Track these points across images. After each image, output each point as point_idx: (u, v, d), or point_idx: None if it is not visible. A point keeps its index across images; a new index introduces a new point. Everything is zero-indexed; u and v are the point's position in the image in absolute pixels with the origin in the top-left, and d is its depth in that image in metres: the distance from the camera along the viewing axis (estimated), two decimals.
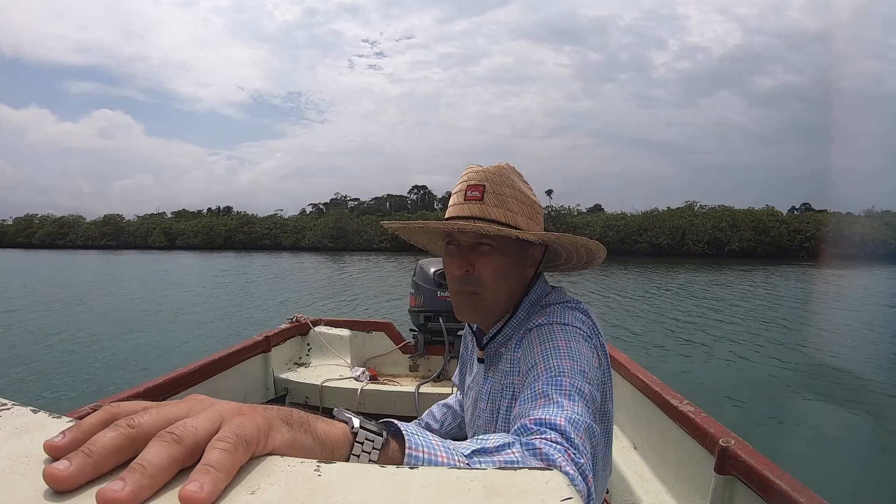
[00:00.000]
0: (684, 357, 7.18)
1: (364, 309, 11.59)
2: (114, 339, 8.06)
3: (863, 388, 5.83)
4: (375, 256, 39.32)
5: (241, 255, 43.54)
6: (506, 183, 0.84)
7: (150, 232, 65.00)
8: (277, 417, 0.35)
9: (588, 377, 0.70)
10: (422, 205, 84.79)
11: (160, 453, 0.28)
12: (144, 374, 5.47)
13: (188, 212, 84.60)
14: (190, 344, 7.71)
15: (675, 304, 12.88)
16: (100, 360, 6.76)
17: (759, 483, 0.99)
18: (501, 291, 0.85)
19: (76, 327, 9.07)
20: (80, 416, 0.33)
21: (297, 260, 35.11)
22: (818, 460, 3.80)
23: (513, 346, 0.86)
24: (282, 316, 2.90)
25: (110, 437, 0.29)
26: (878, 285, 19.04)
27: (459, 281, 0.84)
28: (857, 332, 9.23)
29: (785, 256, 42.09)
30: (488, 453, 0.49)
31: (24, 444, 0.31)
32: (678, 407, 1.37)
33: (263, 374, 2.20)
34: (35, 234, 69.14)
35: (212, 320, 9.95)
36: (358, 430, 0.41)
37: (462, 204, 0.84)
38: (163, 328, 9.19)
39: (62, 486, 0.27)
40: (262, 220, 64.17)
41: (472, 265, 0.83)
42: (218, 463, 0.29)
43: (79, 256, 42.59)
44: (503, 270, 0.84)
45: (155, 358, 6.74)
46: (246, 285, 17.62)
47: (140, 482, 0.27)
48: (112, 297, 13.74)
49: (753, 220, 45.47)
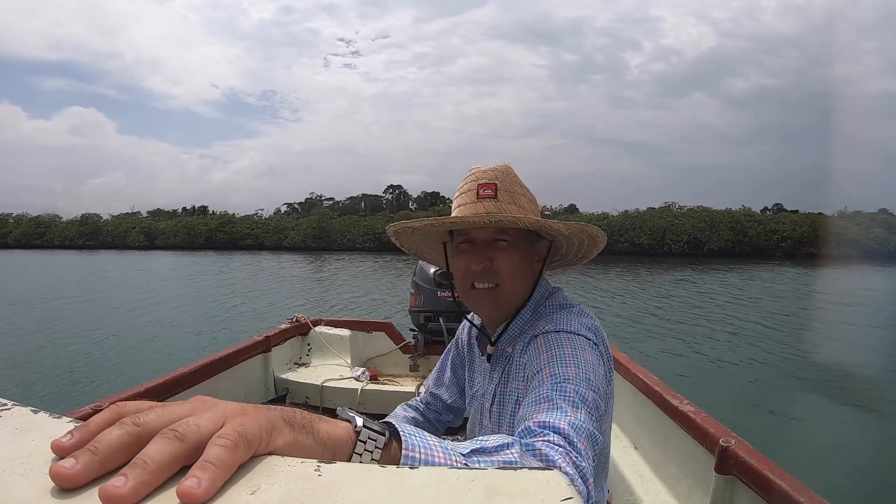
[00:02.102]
0: (681, 356, 7.18)
1: (354, 307, 11.61)
2: (123, 336, 8.08)
3: (863, 388, 5.84)
4: (362, 256, 39.34)
5: (222, 254, 42.82)
6: (515, 181, 0.87)
7: (128, 232, 63.89)
8: (280, 418, 0.35)
9: (593, 385, 0.71)
10: (397, 205, 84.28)
11: (162, 450, 0.29)
12: (142, 376, 5.47)
13: (164, 211, 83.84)
14: (193, 343, 7.73)
15: (672, 303, 12.90)
16: (106, 359, 6.78)
17: (760, 483, 0.99)
18: (518, 286, 0.87)
19: (76, 326, 9.09)
20: (80, 416, 0.33)
21: (284, 260, 34.69)
22: (818, 460, 3.80)
23: (519, 349, 0.87)
24: (281, 316, 2.90)
25: (116, 434, 0.29)
26: (866, 283, 19.23)
27: (477, 276, 0.86)
28: (852, 332, 9.24)
29: (762, 256, 43.15)
30: (487, 453, 0.49)
31: (24, 444, 0.31)
32: (678, 407, 1.37)
33: (264, 374, 2.20)
34: (10, 233, 67.37)
35: (212, 321, 9.96)
36: (361, 428, 0.41)
37: (475, 203, 0.86)
38: (166, 329, 9.20)
39: (69, 484, 0.27)
40: (242, 220, 63.61)
41: (491, 259, 0.85)
42: (217, 459, 0.29)
43: (58, 256, 41.69)
44: (519, 265, 0.86)
45: (165, 357, 6.76)
46: (244, 285, 17.63)
47: (141, 478, 0.27)
48: (120, 299, 13.74)
49: (731, 220, 46.63)
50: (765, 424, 4.53)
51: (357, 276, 20.87)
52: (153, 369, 5.41)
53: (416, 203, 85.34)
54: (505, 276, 0.85)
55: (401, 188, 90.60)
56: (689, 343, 8.06)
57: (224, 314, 10.75)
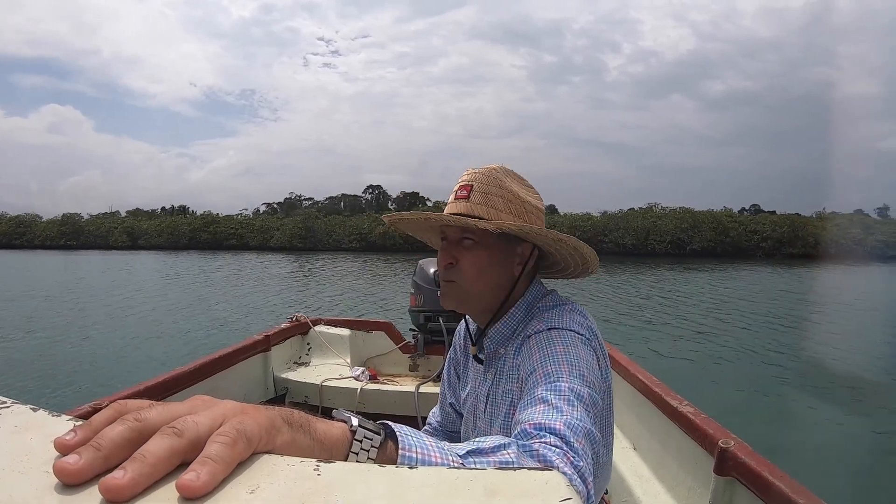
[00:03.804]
0: (668, 357, 7.18)
1: (355, 306, 11.60)
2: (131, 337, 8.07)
3: (862, 389, 5.84)
4: (353, 256, 39.44)
5: (206, 255, 42.38)
6: (494, 183, 0.88)
7: (111, 231, 63.49)
8: (279, 417, 0.35)
9: (588, 381, 0.71)
10: (376, 204, 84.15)
11: (161, 445, 0.29)
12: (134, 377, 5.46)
13: (143, 211, 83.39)
14: (193, 341, 7.72)
15: (675, 303, 12.90)
16: (101, 358, 6.77)
17: (759, 484, 0.99)
18: (480, 283, 0.88)
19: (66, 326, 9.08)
20: (80, 414, 0.34)
21: (270, 259, 34.67)
22: (818, 461, 3.80)
23: (513, 351, 0.86)
24: (281, 316, 2.90)
25: (118, 431, 0.30)
26: (851, 283, 19.35)
27: (444, 273, 0.90)
28: (850, 331, 9.24)
29: (743, 256, 44.90)
30: (484, 454, 0.49)
31: (23, 442, 0.31)
32: (678, 408, 1.37)
33: (263, 374, 2.20)
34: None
35: (213, 322, 9.96)
36: (357, 428, 0.41)
37: (452, 203, 0.89)
38: (167, 329, 9.20)
39: (73, 480, 0.27)
40: (226, 220, 63.26)
41: (456, 258, 0.87)
42: (216, 455, 0.29)
43: (41, 257, 41.36)
44: (483, 264, 0.87)
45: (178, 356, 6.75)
46: (238, 286, 17.62)
47: (140, 470, 0.28)
48: (114, 298, 13.73)
49: (713, 221, 48.67)
50: (764, 426, 4.53)
51: (351, 275, 20.88)
52: (144, 371, 5.40)
53: (395, 203, 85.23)
54: (464, 275, 0.87)
55: (380, 188, 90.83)
56: (682, 342, 8.07)
57: (225, 314, 10.76)
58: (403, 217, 0.92)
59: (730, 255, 44.78)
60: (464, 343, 1.06)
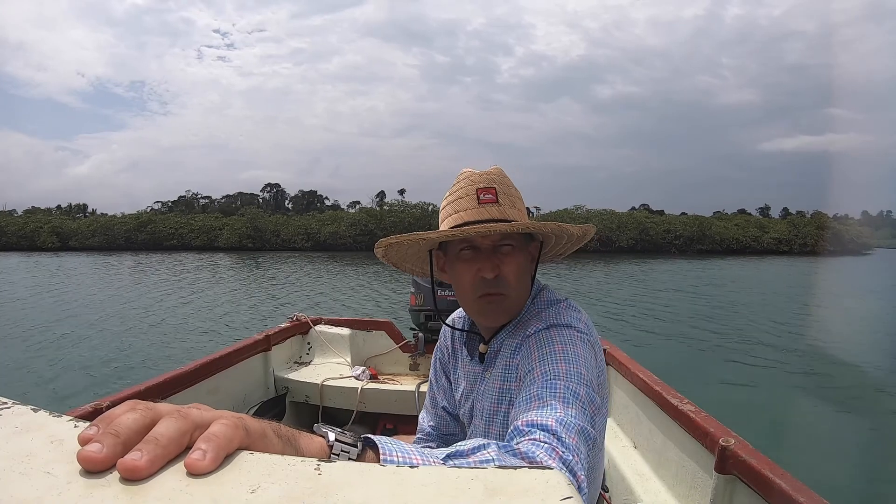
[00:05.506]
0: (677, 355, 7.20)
1: (337, 304, 11.60)
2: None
3: (863, 388, 5.83)
4: (310, 255, 39.59)
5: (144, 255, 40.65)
6: (510, 184, 0.87)
7: (37, 232, 58.37)
8: (269, 428, 0.38)
9: (585, 379, 0.71)
10: (274, 203, 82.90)
11: (170, 426, 0.32)
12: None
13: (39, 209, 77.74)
14: (195, 342, 7.72)
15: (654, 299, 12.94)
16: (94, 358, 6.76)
17: (760, 482, 0.99)
18: (520, 288, 0.87)
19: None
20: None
21: (219, 259, 34.20)
22: (818, 460, 3.79)
23: (512, 349, 0.86)
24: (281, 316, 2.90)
25: (133, 418, 0.32)
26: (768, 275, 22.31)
27: (487, 285, 0.83)
28: (847, 330, 9.23)
29: (660, 252, 50.33)
30: (463, 456, 0.50)
31: (24, 442, 0.31)
32: (678, 406, 1.37)
33: (264, 373, 2.19)
34: None
35: (212, 322, 9.96)
36: (334, 443, 0.43)
37: (476, 208, 0.83)
38: (168, 329, 9.20)
39: (99, 467, 0.29)
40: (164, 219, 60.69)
41: (499, 267, 0.83)
42: (220, 433, 0.32)
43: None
44: (523, 269, 0.86)
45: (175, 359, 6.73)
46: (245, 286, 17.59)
47: (155, 451, 0.30)
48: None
49: (635, 221, 56.04)
50: (764, 424, 4.53)
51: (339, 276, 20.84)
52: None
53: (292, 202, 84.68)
54: (512, 284, 0.84)
55: (279, 186, 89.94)
56: (675, 340, 8.08)
57: (227, 314, 10.75)
58: (421, 237, 0.83)
59: (649, 252, 50.43)
60: (451, 344, 1.04)
